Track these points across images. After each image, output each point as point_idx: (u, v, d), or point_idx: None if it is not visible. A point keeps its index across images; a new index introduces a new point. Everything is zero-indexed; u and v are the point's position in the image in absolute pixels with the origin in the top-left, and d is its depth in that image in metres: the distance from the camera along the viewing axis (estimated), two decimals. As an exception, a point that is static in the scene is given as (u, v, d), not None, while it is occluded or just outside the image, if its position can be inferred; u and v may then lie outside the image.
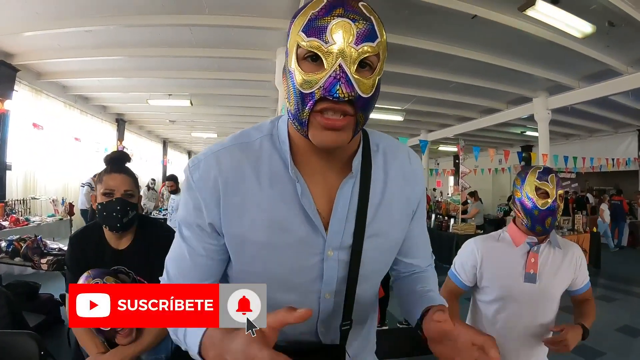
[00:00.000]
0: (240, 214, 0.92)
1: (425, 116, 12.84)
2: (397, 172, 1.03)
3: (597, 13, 5.47)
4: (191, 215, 0.95)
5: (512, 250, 1.84)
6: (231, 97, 11.20)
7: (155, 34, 6.97)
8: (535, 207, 1.77)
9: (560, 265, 1.83)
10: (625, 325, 5.19)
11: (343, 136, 0.83)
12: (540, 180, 1.79)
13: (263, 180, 0.93)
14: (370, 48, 0.77)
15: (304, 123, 0.83)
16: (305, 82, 0.79)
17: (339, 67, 0.76)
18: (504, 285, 1.81)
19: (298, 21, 0.81)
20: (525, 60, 7.73)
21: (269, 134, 0.98)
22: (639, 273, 8.57)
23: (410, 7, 5.41)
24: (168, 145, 21.84)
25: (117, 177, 1.86)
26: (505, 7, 5.54)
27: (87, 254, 1.85)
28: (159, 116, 14.46)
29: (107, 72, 9.15)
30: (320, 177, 0.95)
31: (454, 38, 6.77)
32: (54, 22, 6.31)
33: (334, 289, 0.98)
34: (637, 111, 10.92)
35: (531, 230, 1.79)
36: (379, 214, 0.99)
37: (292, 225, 0.93)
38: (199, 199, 0.93)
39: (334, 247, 0.95)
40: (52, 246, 4.59)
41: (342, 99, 0.76)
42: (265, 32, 6.65)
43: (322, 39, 0.76)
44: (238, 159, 0.94)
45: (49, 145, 10.23)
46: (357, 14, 0.77)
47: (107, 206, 1.81)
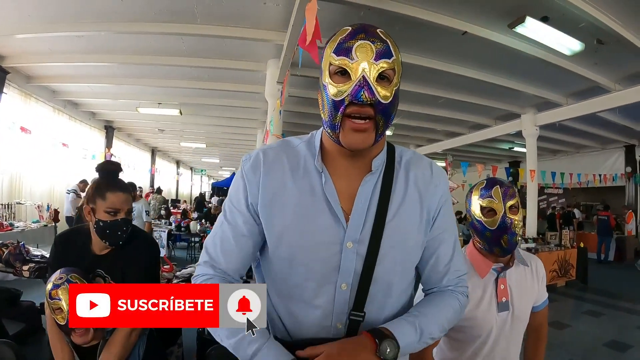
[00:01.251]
0: (273, 197, 1.08)
1: (414, 131, 12.92)
2: (419, 179, 1.14)
3: (585, 31, 5.53)
4: (240, 197, 1.12)
5: (480, 282, 1.66)
6: (221, 107, 11.18)
7: (146, 42, 6.95)
8: (485, 229, 1.63)
9: (527, 282, 1.71)
10: (612, 340, 5.24)
11: (367, 138, 1.00)
12: (483, 198, 1.65)
13: (296, 173, 1.09)
14: (387, 64, 0.97)
15: (336, 127, 1.01)
16: (337, 92, 0.98)
17: (362, 78, 0.95)
18: (479, 321, 1.63)
19: (329, 45, 1.02)
20: (514, 77, 7.81)
21: (307, 141, 1.16)
22: (626, 288, 8.66)
23: (402, 22, 5.44)
24: (156, 154, 21.74)
25: (121, 196, 1.87)
26: (495, 24, 5.60)
27: (69, 256, 1.86)
28: (148, 124, 14.41)
29: (97, 78, 9.11)
30: (345, 176, 1.09)
31: (444, 54, 6.83)
32: (46, 25, 6.26)
33: (351, 281, 1.05)
34: (624, 128, 11.07)
35: (490, 253, 1.66)
36: (399, 214, 1.09)
37: (316, 213, 1.06)
38: (246, 185, 1.11)
39: (354, 240, 1.04)
40: (34, 253, 4.54)
41: (365, 102, 0.96)
42: (256, 44, 6.66)
43: (348, 57, 0.97)
44: (280, 155, 1.13)
45: (36, 150, 10.12)
46: (376, 38, 0.98)
47: (112, 225, 1.83)
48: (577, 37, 5.63)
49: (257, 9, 5.59)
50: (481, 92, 8.82)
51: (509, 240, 1.58)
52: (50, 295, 1.66)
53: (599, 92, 8.08)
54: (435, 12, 5.29)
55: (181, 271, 4.28)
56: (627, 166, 13.49)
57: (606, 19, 5.18)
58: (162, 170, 21.86)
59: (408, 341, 1.00)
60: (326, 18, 5.18)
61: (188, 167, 31.20)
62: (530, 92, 8.36)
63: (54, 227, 8.12)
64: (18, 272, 4.12)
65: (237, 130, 14.28)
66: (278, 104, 6.60)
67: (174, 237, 10.29)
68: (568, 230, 9.85)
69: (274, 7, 5.48)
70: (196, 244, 10.26)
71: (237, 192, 1.12)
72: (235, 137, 15.84)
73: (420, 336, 1.03)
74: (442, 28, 5.46)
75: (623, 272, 10.78)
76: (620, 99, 7.78)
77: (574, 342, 5.16)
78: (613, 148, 14.04)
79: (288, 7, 5.31)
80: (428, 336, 1.05)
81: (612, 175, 13.66)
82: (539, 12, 5.17)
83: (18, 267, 4.14)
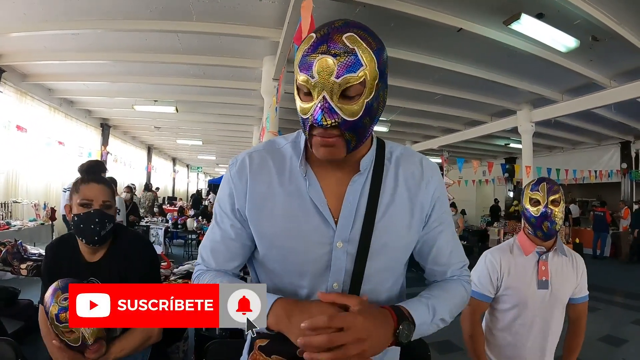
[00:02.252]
0: (261, 203, 1.07)
1: (410, 127, 12.94)
2: (409, 177, 1.13)
3: (581, 28, 5.55)
4: (226, 202, 1.13)
5: (524, 260, 1.99)
6: (217, 104, 11.17)
7: (142, 40, 6.94)
8: (531, 216, 1.96)
9: (567, 271, 2.00)
10: (607, 334, 5.28)
11: (336, 152, 0.97)
12: (532, 191, 1.99)
13: (282, 177, 1.09)
14: (353, 78, 0.89)
15: (309, 141, 1.00)
16: (302, 109, 0.96)
17: (322, 99, 0.90)
18: (520, 293, 1.95)
19: (297, 55, 0.96)
20: (509, 74, 7.82)
21: (293, 142, 1.15)
22: (621, 283, 8.75)
23: (397, 19, 5.46)
24: (153, 152, 21.67)
25: (94, 187, 1.79)
26: (490, 21, 5.60)
27: (62, 266, 1.79)
28: (144, 122, 14.37)
29: (93, 76, 9.10)
30: (332, 177, 1.08)
31: (440, 50, 6.84)
32: (41, 23, 6.24)
33: (342, 279, 1.05)
34: (619, 124, 11.09)
35: (535, 237, 1.98)
36: (389, 213, 1.08)
37: (305, 216, 1.05)
38: (232, 189, 1.11)
39: (343, 239, 1.04)
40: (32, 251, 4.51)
41: (326, 126, 0.91)
42: (252, 41, 6.65)
43: (309, 74, 0.90)
44: (265, 158, 1.12)
45: (32, 148, 10.07)
46: (339, 49, 0.89)
47: (84, 218, 1.74)
48: (572, 34, 5.64)
49: (253, 6, 5.58)
50: (477, 89, 8.83)
51: (549, 226, 1.91)
52: (59, 319, 1.52)
53: (595, 88, 8.09)
54: (431, 9, 5.28)
55: (178, 268, 4.29)
56: (623, 162, 13.55)
57: (601, 16, 5.19)
58: (158, 168, 21.81)
59: (422, 321, 1.01)
60: (322, 14, 5.18)
61: (184, 164, 31.11)
62: (526, 88, 8.37)
63: (50, 225, 8.11)
64: (16, 271, 4.10)
65: (233, 128, 14.27)
66: (274, 101, 6.59)
67: (170, 234, 10.27)
68: (563, 226, 9.88)
69: (270, 4, 5.47)
70: (193, 241, 10.27)
71: (224, 196, 1.14)
72: (232, 134, 15.80)
73: (433, 317, 1.05)
74: (438, 25, 5.46)
75: (618, 268, 10.86)
76: (615, 95, 7.80)
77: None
78: (609, 144, 14.08)
79: (284, 4, 5.31)
80: (439, 317, 1.07)
81: (607, 171, 13.69)
82: (534, 8, 5.18)
83: (16, 266, 4.12)
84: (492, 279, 2.00)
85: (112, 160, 14.59)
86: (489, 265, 2.03)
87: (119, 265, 1.81)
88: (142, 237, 2.06)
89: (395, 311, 0.99)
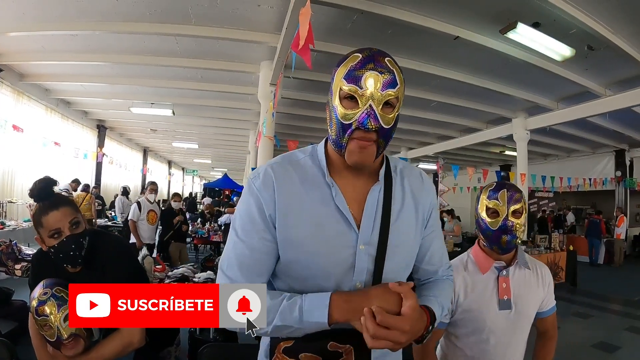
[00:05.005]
0: (288, 211, 1.13)
1: (406, 134, 12.93)
2: (413, 186, 1.28)
3: (576, 37, 5.59)
4: (255, 214, 1.14)
5: (481, 277, 1.75)
6: (214, 108, 11.15)
7: (140, 42, 6.94)
8: (487, 228, 1.73)
9: (532, 285, 1.76)
10: (601, 341, 5.29)
11: (369, 157, 1.10)
12: (490, 199, 1.75)
13: (306, 186, 1.16)
14: (392, 92, 1.06)
15: (343, 146, 1.10)
16: (345, 115, 1.07)
17: (369, 106, 1.04)
18: (479, 316, 1.70)
19: (341, 70, 1.09)
20: (505, 82, 7.87)
21: (310, 155, 1.24)
22: (615, 290, 8.75)
23: (394, 26, 5.49)
24: (148, 154, 21.62)
25: (55, 214, 1.71)
26: (487, 30, 5.64)
27: (48, 274, 1.76)
28: (140, 124, 14.35)
29: (90, 77, 9.09)
30: (350, 186, 1.18)
31: (437, 58, 6.88)
32: (40, 24, 6.23)
33: (364, 279, 1.14)
34: (614, 132, 11.14)
35: (492, 250, 1.75)
36: (400, 217, 1.21)
37: (329, 222, 1.13)
38: (260, 200, 1.14)
39: (365, 242, 1.14)
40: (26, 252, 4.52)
41: (370, 130, 1.05)
42: (250, 46, 6.66)
43: (358, 85, 1.05)
44: (288, 170, 1.18)
45: (28, 148, 10.06)
46: (384, 68, 1.06)
47: (60, 248, 1.71)
48: (567, 43, 5.68)
49: (251, 11, 5.60)
50: (473, 96, 8.88)
51: (508, 241, 1.68)
52: (37, 312, 1.58)
53: (589, 97, 8.14)
54: (428, 17, 5.32)
55: (173, 271, 4.29)
56: (617, 170, 13.60)
57: (597, 26, 5.24)
58: (153, 171, 21.75)
59: (437, 319, 1.15)
60: (320, 20, 5.22)
61: (180, 167, 31.05)
62: (521, 96, 8.41)
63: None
64: (10, 271, 4.11)
65: (229, 132, 14.27)
66: (271, 105, 6.60)
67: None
68: (558, 234, 9.92)
69: (268, 9, 5.49)
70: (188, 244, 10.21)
71: (249, 209, 1.16)
72: (228, 138, 15.80)
73: (442, 312, 1.19)
74: (435, 32, 5.50)
75: (612, 275, 10.88)
76: (610, 104, 7.84)
77: (563, 343, 5.18)
78: (603, 152, 14.13)
79: (282, 10, 5.33)
80: (444, 314, 1.22)
81: (602, 179, 13.75)
82: (531, 18, 5.21)
83: (10, 266, 4.12)
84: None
85: (107, 162, 14.57)
86: None
87: (100, 267, 1.80)
88: (118, 241, 2.00)
89: (429, 312, 1.12)
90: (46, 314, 1.57)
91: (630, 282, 9.86)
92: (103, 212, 11.50)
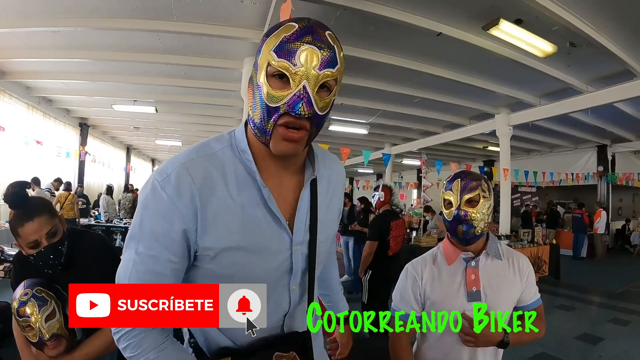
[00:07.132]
0: (216, 220, 0.96)
1: (390, 130, 12.96)
2: (337, 178, 1.24)
3: (559, 34, 5.63)
4: (164, 229, 0.93)
5: (448, 269, 1.71)
6: (197, 105, 11.09)
7: (122, 39, 6.86)
8: (445, 219, 1.73)
9: (507, 277, 1.69)
10: (584, 333, 5.39)
11: (298, 147, 0.96)
12: (445, 190, 1.73)
13: (231, 187, 0.99)
14: (331, 73, 0.91)
15: (268, 132, 0.95)
16: (271, 97, 0.91)
17: (302, 88, 0.89)
18: (446, 307, 1.65)
19: (270, 41, 0.92)
20: (488, 78, 7.92)
21: (229, 145, 1.04)
22: (597, 283, 8.93)
23: (377, 22, 5.49)
24: (132, 152, 21.42)
25: (31, 225, 1.66)
26: (469, 26, 5.67)
27: (30, 275, 1.75)
28: (123, 122, 14.16)
29: (72, 74, 8.96)
30: (277, 181, 1.06)
31: (419, 54, 6.88)
32: (21, 20, 6.11)
33: (299, 280, 1.10)
34: (596, 128, 11.28)
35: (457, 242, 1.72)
36: (327, 213, 1.16)
37: (262, 227, 1.01)
38: (173, 211, 0.93)
39: (298, 243, 1.07)
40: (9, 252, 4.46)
41: (302, 116, 0.90)
42: (233, 42, 6.63)
43: (290, 61, 0.88)
44: (207, 169, 0.98)
45: (9, 147, 9.90)
46: (323, 43, 0.90)
47: (39, 257, 1.68)
48: (550, 40, 5.72)
49: (234, 7, 5.56)
50: (456, 92, 8.91)
51: (465, 231, 1.64)
52: (19, 313, 1.56)
53: (572, 93, 8.23)
54: (411, 13, 5.33)
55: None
56: (599, 165, 13.79)
57: (579, 23, 5.28)
58: (137, 169, 21.58)
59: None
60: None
61: (164, 165, 30.83)
62: (504, 92, 8.48)
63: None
64: (-8, 272, 4.05)
65: (213, 128, 14.11)
66: (254, 102, 6.57)
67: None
68: (540, 227, 10.05)
69: (251, 5, 5.46)
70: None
71: (156, 222, 0.94)
72: (211, 134, 15.27)
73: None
74: (417, 29, 5.51)
75: (594, 268, 11.07)
76: (592, 100, 7.91)
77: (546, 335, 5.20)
78: (585, 148, 14.31)
79: (265, 6, 5.31)
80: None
81: (584, 174, 13.92)
82: (513, 14, 5.25)
83: (-8, 267, 4.06)
84: (414, 294, 1.72)
85: (90, 161, 14.41)
86: (410, 278, 1.75)
87: (81, 266, 1.78)
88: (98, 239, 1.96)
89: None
90: (27, 314, 1.56)
91: (613, 274, 10.05)
92: (88, 211, 11.38)
